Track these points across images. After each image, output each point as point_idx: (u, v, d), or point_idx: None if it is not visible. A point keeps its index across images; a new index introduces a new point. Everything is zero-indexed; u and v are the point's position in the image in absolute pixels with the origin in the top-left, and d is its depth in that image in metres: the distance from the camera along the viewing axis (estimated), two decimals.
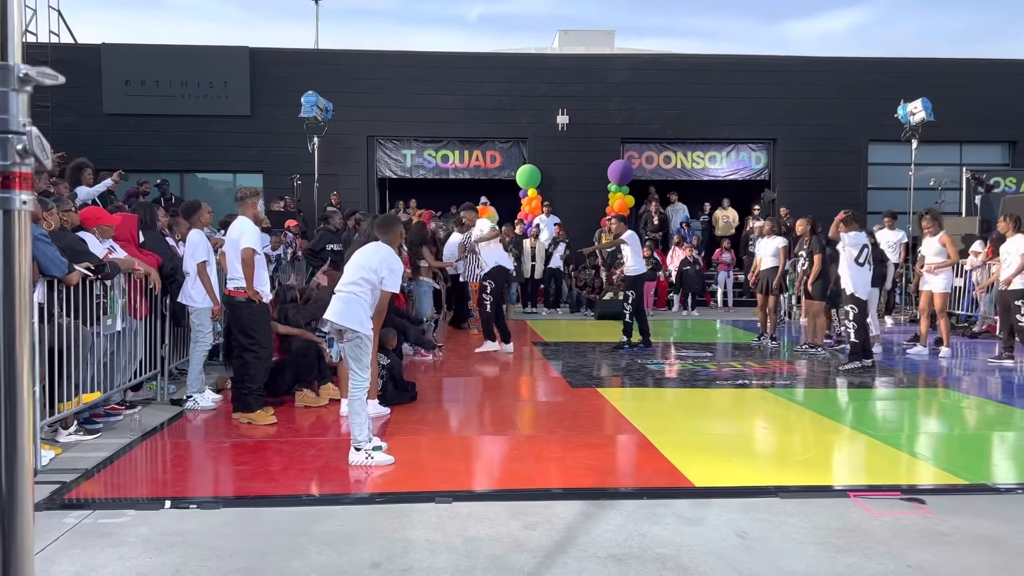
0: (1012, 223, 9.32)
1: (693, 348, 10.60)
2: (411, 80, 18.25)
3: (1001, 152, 19.49)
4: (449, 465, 5.06)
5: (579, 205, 17.49)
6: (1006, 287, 9.25)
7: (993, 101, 18.49)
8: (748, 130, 18.85)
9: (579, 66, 18.77)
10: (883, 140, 18.24)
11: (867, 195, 18.93)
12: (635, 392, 7.61)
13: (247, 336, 6.19)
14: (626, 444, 5.62)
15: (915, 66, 18.75)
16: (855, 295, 8.80)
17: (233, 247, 6.20)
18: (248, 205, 6.29)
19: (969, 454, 5.52)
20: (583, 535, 3.88)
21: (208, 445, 5.75)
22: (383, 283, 5.17)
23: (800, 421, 6.57)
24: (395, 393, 6.83)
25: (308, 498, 4.46)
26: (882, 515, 4.16)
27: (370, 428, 5.12)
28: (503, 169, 18.73)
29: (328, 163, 16.31)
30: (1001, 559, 3.59)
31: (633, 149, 18.88)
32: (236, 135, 17.93)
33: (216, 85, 18.00)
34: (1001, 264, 9.46)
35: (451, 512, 4.19)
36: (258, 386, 6.19)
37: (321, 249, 10.64)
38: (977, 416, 6.80)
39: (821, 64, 18.97)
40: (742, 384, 7.96)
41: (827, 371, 8.73)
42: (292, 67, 17.92)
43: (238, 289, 6.16)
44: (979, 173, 16.23)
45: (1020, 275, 9.11)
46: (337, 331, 5.13)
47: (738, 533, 3.91)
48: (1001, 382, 8.25)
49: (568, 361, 9.27)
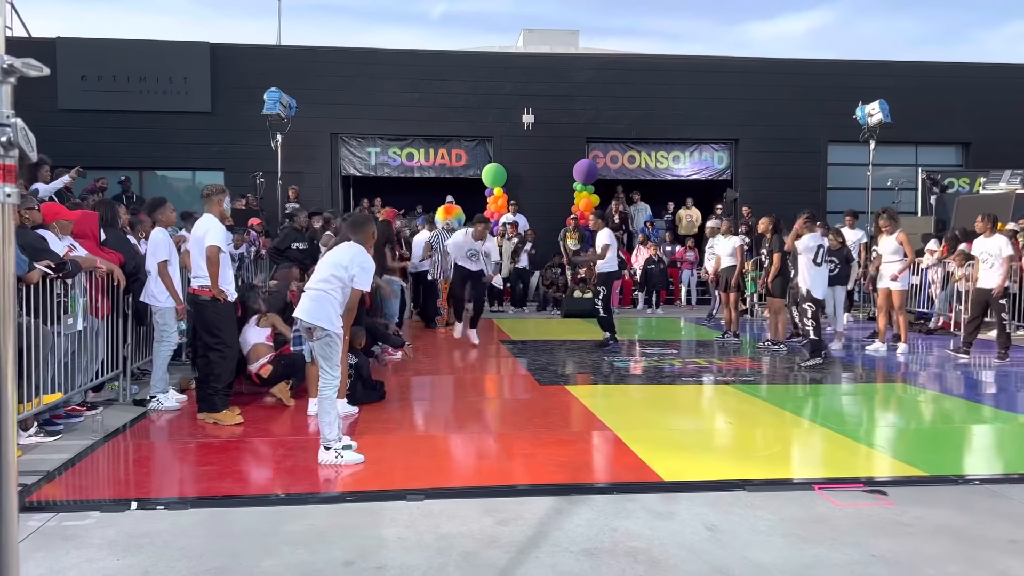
0: (989, 223, 9.51)
1: (658, 345, 10.71)
2: (376, 77, 18.14)
3: (955, 153, 19.98)
4: (419, 463, 5.06)
5: (545, 204, 17.54)
6: (997, 291, 9.30)
7: (947, 104, 18.94)
8: (711, 130, 19.08)
9: (544, 65, 18.82)
10: (842, 141, 18.58)
11: (827, 195, 19.28)
12: (603, 389, 7.66)
13: (212, 335, 6.11)
14: (595, 440, 5.66)
15: (873, 69, 19.13)
16: (812, 294, 8.99)
17: (198, 245, 6.12)
18: (214, 203, 6.21)
19: (927, 447, 5.67)
20: (555, 530, 3.91)
21: (173, 446, 5.67)
22: (354, 281, 5.14)
23: (764, 416, 6.68)
24: (364, 392, 6.80)
25: (278, 498, 4.42)
26: (846, 507, 4.26)
27: (340, 427, 5.09)
28: (469, 168, 18.71)
29: (291, 161, 16.14)
30: (960, 549, 3.69)
31: (598, 149, 18.99)
32: (197, 132, 17.64)
33: (176, 81, 17.69)
34: (979, 263, 9.59)
35: (423, 510, 4.19)
36: (224, 385, 6.12)
37: (287, 248, 10.52)
38: (934, 410, 6.99)
39: (782, 66, 19.27)
40: (707, 380, 8.07)
41: (789, 367, 8.88)
42: (254, 63, 17.69)
43: (203, 288, 6.08)
44: (934, 174, 16.67)
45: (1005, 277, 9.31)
46: (307, 329, 5.09)
47: (707, 526, 3.97)
48: (957, 377, 8.47)
49: (536, 359, 9.31)
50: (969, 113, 19.01)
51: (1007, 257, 9.24)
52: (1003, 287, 9.29)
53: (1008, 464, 5.28)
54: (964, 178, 17.15)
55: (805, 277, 9.05)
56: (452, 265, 12.07)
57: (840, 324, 10.72)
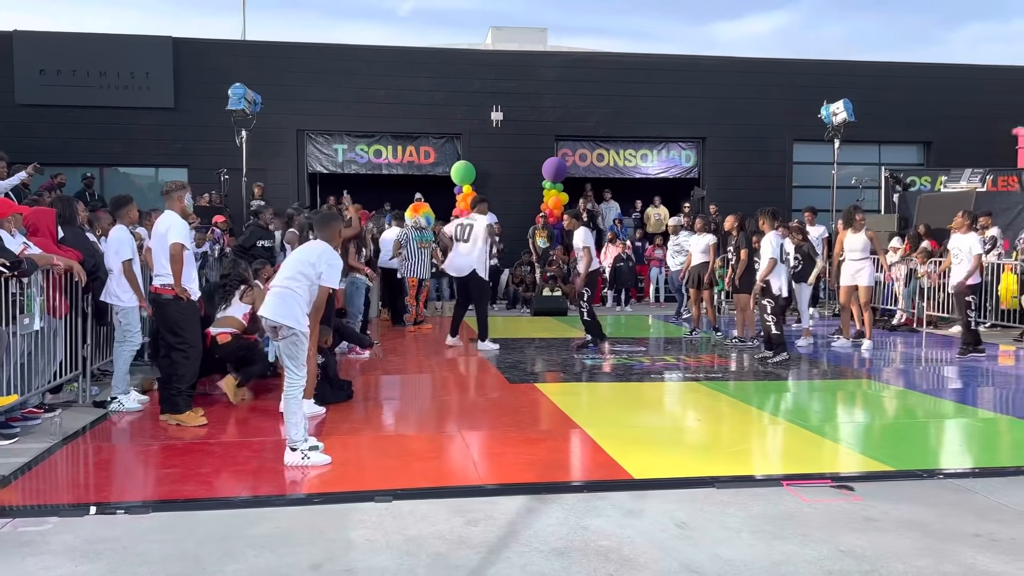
0: (967, 220, 9.66)
1: (627, 343, 10.73)
2: (343, 74, 17.97)
3: (917, 152, 20.33)
4: (387, 464, 5.00)
5: (514, 202, 17.50)
6: (961, 287, 9.47)
7: (909, 103, 19.26)
8: (678, 129, 19.19)
9: (513, 63, 18.79)
10: (807, 139, 18.80)
11: (792, 193, 19.49)
12: (572, 387, 7.65)
13: (175, 335, 5.98)
14: (565, 438, 5.64)
15: (837, 68, 19.39)
16: (771, 291, 9.08)
17: (160, 242, 5.98)
18: (175, 199, 6.08)
19: (892, 441, 5.74)
20: (525, 530, 3.87)
21: (135, 448, 5.53)
22: (321, 278, 5.06)
23: (732, 412, 6.72)
24: (331, 392, 6.71)
25: (243, 500, 4.33)
26: (815, 502, 4.28)
27: (306, 427, 5.01)
28: (437, 165, 18.62)
29: (257, 157, 15.91)
30: (927, 543, 3.72)
31: (567, 146, 19.01)
32: (159, 128, 17.33)
33: (137, 76, 17.36)
34: (951, 258, 9.74)
35: (391, 511, 4.13)
36: (187, 386, 5.99)
37: (252, 245, 10.36)
38: (899, 405, 7.07)
39: (748, 65, 19.44)
40: (675, 377, 8.10)
41: (755, 363, 8.94)
42: (218, 58, 17.43)
43: (164, 286, 5.95)
44: (897, 172, 16.93)
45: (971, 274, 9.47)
46: (272, 328, 4.99)
47: (677, 523, 3.97)
48: (920, 373, 8.60)
49: (505, 357, 9.26)
50: (930, 113, 19.35)
51: (977, 255, 9.41)
52: (965, 284, 9.44)
53: (972, 459, 5.36)
54: (926, 176, 17.45)
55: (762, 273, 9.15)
56: (423, 264, 11.99)
57: (806, 320, 10.81)
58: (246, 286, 7.14)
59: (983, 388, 7.76)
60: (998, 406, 7.04)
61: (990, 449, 5.62)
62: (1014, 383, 8.09)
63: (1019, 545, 3.70)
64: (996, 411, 6.79)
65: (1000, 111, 19.10)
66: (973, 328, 9.64)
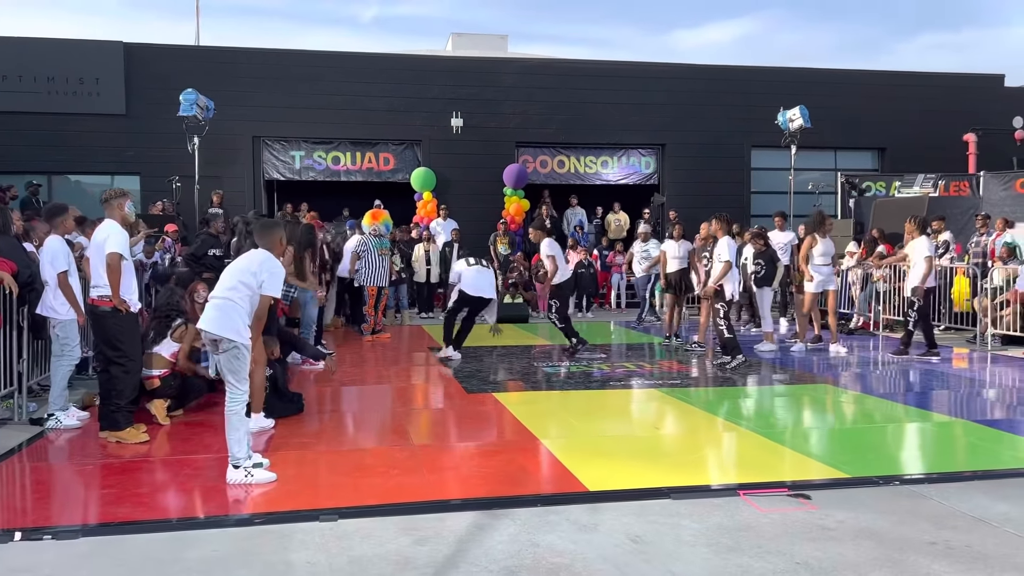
0: (916, 225, 9.75)
1: (587, 349, 10.63)
2: (300, 79, 17.72)
3: (872, 158, 20.66)
4: (337, 480, 4.83)
5: (475, 209, 17.39)
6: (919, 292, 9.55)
7: (864, 110, 19.56)
8: (638, 135, 19.26)
9: (473, 69, 18.70)
10: (764, 146, 19.00)
11: (750, 199, 19.65)
12: (530, 396, 7.52)
13: (114, 348, 5.74)
14: (521, 450, 5.50)
15: (793, 75, 19.63)
16: (724, 295, 9.09)
17: (98, 252, 5.74)
18: (114, 207, 5.85)
19: (848, 447, 5.71)
20: (475, 548, 3.74)
21: (71, 468, 5.28)
22: (263, 287, 4.87)
23: (690, 420, 6.65)
24: (280, 405, 6.50)
25: (180, 522, 4.13)
26: (770, 512, 4.21)
27: (250, 444, 4.82)
28: (397, 172, 18.44)
29: (210, 164, 15.58)
30: (883, 552, 3.67)
31: (528, 153, 18.96)
32: (110, 135, 16.93)
33: (87, 81, 16.94)
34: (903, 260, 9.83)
35: (336, 531, 3.97)
36: (127, 402, 5.75)
37: (203, 255, 10.07)
38: (856, 410, 7.07)
39: (705, 72, 19.59)
40: (635, 385, 8.03)
41: (713, 369, 8.92)
42: (170, 63, 17.08)
43: (102, 298, 5.71)
44: (853, 178, 17.15)
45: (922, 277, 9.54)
46: (212, 341, 4.80)
47: (632, 538, 3.86)
48: (876, 377, 8.64)
49: (464, 366, 9.12)
50: (884, 119, 19.67)
51: (927, 257, 9.50)
52: (922, 288, 9.53)
53: (926, 463, 5.35)
54: (880, 182, 17.70)
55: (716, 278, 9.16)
56: (382, 272, 11.73)
57: (768, 325, 10.81)
58: (181, 321, 6.57)
59: (938, 392, 7.80)
60: (952, 410, 7.08)
61: (944, 453, 5.62)
62: (968, 386, 8.16)
63: (974, 553, 3.66)
64: (950, 415, 6.82)
65: (951, 118, 19.49)
66: (911, 329, 9.73)
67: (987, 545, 3.75)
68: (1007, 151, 19.44)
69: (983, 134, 19.33)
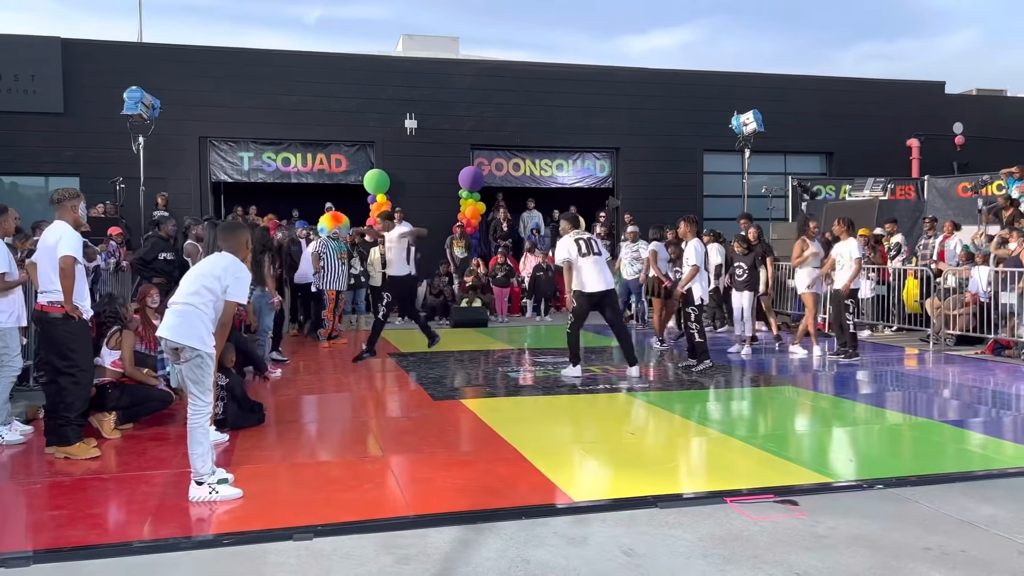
0: (845, 226, 9.82)
1: (550, 353, 10.51)
2: (248, 79, 17.23)
3: (820, 162, 21.02)
4: (306, 495, 4.58)
5: (430, 211, 17.11)
6: (844, 291, 9.63)
7: (811, 114, 19.89)
8: (592, 139, 19.24)
9: (427, 70, 18.45)
10: (717, 150, 19.18)
11: (703, 202, 19.81)
12: (499, 402, 7.34)
13: (63, 358, 5.39)
14: (498, 459, 5.32)
15: (743, 80, 19.86)
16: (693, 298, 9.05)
17: (48, 255, 5.39)
18: (67, 208, 5.50)
19: (827, 451, 5.68)
20: (462, 566, 3.55)
21: (15, 487, 4.92)
22: (227, 292, 4.60)
23: (664, 425, 6.57)
24: (240, 415, 6.21)
25: (141, 545, 3.85)
26: (760, 520, 4.11)
27: (213, 459, 4.55)
28: (349, 174, 18.07)
29: (155, 165, 15.03)
30: (880, 559, 3.60)
31: (483, 156, 18.78)
32: (48, 134, 16.19)
33: (23, 79, 16.19)
34: (834, 263, 9.88)
35: (312, 550, 3.74)
36: (76, 415, 5.40)
37: (153, 259, 9.69)
38: (828, 413, 7.07)
39: (658, 76, 19.69)
40: (603, 389, 7.91)
41: (683, 374, 8.87)
42: (112, 61, 16.43)
43: (52, 304, 5.36)
44: (804, 181, 17.40)
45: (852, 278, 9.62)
46: (172, 350, 4.51)
47: (624, 551, 3.72)
48: (841, 379, 8.69)
49: (427, 372, 8.90)
50: (831, 124, 20.04)
51: (857, 259, 9.60)
52: (848, 287, 9.60)
53: (906, 466, 5.32)
54: (830, 185, 18.00)
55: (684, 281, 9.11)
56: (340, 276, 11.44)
57: (748, 328, 10.69)
58: (117, 328, 6.26)
59: (903, 392, 7.88)
60: (920, 410, 7.13)
61: (923, 455, 5.62)
62: (931, 387, 8.26)
63: (969, 558, 3.61)
64: (919, 415, 6.86)
65: (895, 123, 19.98)
66: (852, 331, 9.82)
67: (980, 549, 3.71)
68: (949, 156, 20.02)
69: (926, 139, 19.86)
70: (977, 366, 9.42)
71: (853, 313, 9.85)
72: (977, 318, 10.62)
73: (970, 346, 10.66)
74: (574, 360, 8.66)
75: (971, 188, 15.20)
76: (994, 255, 10.99)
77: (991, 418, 6.72)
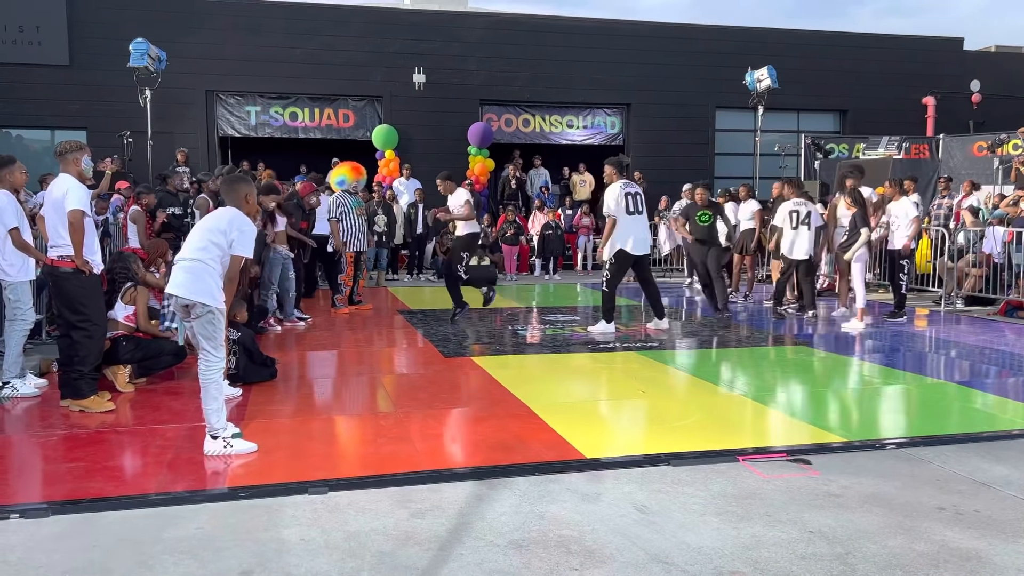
0: (896, 187, 9.77)
1: (560, 312, 10.51)
2: (255, 31, 16.99)
3: (833, 120, 20.72)
4: (320, 450, 4.61)
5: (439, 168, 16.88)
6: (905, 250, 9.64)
7: (826, 71, 19.54)
8: (603, 95, 18.97)
9: (435, 23, 18.14)
10: (729, 107, 18.92)
11: (715, 160, 19.60)
12: (510, 360, 7.34)
13: (76, 312, 5.39)
14: (509, 416, 5.32)
15: (756, 35, 19.49)
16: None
17: (57, 209, 5.36)
18: (70, 161, 5.45)
19: (839, 410, 5.68)
20: (477, 520, 3.57)
21: (32, 440, 4.96)
22: (233, 246, 4.55)
23: (675, 383, 6.56)
24: (252, 369, 6.23)
25: (159, 497, 3.88)
26: (773, 478, 4.12)
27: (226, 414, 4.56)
28: (357, 129, 17.91)
29: (162, 119, 14.94)
30: (895, 519, 3.60)
31: (492, 111, 18.56)
32: (53, 87, 16.06)
33: (27, 30, 15.99)
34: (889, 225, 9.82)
35: (328, 504, 3.76)
36: (90, 368, 5.42)
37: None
38: (843, 373, 7.05)
39: (670, 30, 19.33)
40: (613, 347, 7.90)
41: (691, 332, 8.85)
42: (118, 11, 16.20)
43: (63, 258, 5.34)
44: (818, 139, 17.16)
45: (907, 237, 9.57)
46: (183, 307, 4.49)
47: (637, 507, 3.74)
48: (856, 340, 8.65)
49: (436, 329, 8.90)
50: (846, 81, 19.69)
51: (915, 218, 9.56)
52: (908, 247, 9.60)
53: (919, 426, 5.31)
54: (844, 144, 17.76)
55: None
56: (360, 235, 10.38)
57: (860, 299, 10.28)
58: (131, 284, 6.27)
59: (917, 353, 7.84)
60: (934, 371, 7.11)
61: (934, 416, 5.60)
62: (945, 348, 8.23)
63: (983, 519, 3.61)
64: (933, 376, 6.84)
65: (911, 80, 19.62)
66: (903, 292, 9.78)
67: (994, 510, 3.71)
68: (965, 114, 19.69)
69: (942, 97, 19.50)
70: (989, 327, 9.37)
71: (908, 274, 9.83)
72: (988, 281, 10.54)
73: (981, 307, 10.60)
74: (608, 316, 8.65)
75: (987, 147, 14.97)
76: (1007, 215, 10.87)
77: (1005, 380, 6.69)
